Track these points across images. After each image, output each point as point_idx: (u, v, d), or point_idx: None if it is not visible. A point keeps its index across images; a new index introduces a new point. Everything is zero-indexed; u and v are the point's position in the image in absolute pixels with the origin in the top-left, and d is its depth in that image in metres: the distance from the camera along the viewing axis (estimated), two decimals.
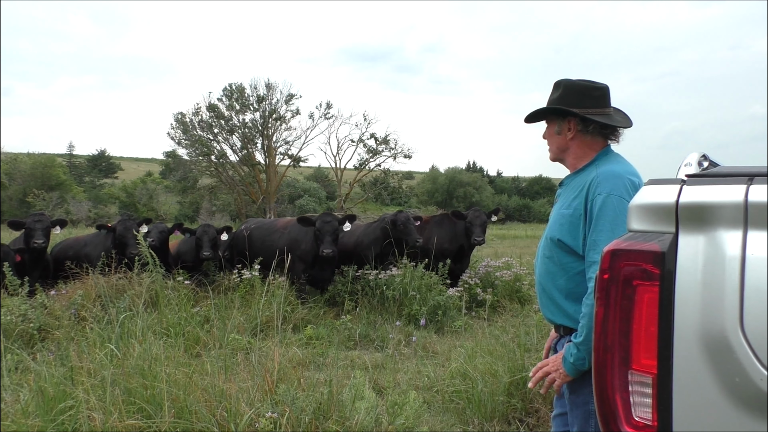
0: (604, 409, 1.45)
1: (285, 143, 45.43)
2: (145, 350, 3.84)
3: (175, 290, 6.59)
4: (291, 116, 44.72)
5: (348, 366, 5.45)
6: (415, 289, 7.35)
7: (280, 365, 4.03)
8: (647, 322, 1.38)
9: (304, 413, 3.46)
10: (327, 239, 7.48)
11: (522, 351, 4.55)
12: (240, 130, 43.89)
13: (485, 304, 7.04)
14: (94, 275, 6.74)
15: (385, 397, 4.34)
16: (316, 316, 7.18)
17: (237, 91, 43.51)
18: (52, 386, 3.39)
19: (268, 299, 6.38)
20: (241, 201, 44.67)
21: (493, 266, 9.11)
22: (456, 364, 4.78)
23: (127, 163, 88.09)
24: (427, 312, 7.06)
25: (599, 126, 2.47)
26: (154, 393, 3.34)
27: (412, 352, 6.00)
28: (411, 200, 60.55)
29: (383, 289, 7.48)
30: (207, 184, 46.72)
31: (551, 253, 2.46)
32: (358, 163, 46.71)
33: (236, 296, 6.82)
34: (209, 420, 3.24)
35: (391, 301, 7.34)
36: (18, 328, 5.25)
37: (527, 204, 66.13)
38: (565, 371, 2.31)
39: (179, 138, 44.18)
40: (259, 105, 43.63)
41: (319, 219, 7.62)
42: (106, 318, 5.02)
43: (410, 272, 7.56)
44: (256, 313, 6.15)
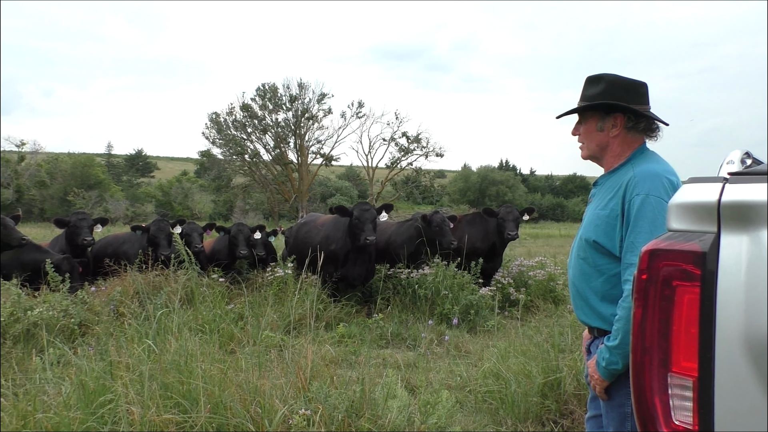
0: (642, 412, 1.43)
1: (317, 142, 45.83)
2: (181, 346, 3.91)
3: (210, 288, 6.70)
4: (323, 115, 45.09)
5: (380, 364, 5.46)
6: (447, 288, 7.32)
7: (313, 363, 4.06)
8: (687, 323, 1.35)
9: (337, 411, 3.48)
10: (368, 227, 7.31)
11: (556, 352, 4.50)
12: (273, 130, 44.39)
13: (518, 303, 6.98)
14: (132, 272, 6.89)
15: (417, 396, 4.34)
16: (348, 315, 7.22)
17: (270, 90, 44.01)
18: (93, 380, 3.48)
19: (301, 297, 6.43)
20: (273, 200, 45.18)
21: (526, 265, 9.01)
22: (489, 364, 4.74)
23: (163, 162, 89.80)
24: (459, 311, 7.03)
25: (648, 123, 2.41)
26: (190, 388, 3.39)
27: (444, 351, 5.98)
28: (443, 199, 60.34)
29: (415, 288, 7.47)
30: (240, 183, 47.41)
31: (586, 254, 2.41)
32: (390, 161, 46.82)
33: (269, 294, 6.89)
34: (243, 416, 3.28)
35: (423, 300, 7.32)
36: (59, 323, 5.39)
37: (561, 203, 65.29)
38: (600, 376, 2.27)
39: (214, 137, 44.96)
40: (291, 104, 44.05)
41: (356, 208, 7.49)
42: (144, 314, 5.13)
43: (442, 271, 7.54)
44: (289, 310, 6.21)
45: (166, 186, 53.96)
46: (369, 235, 7.27)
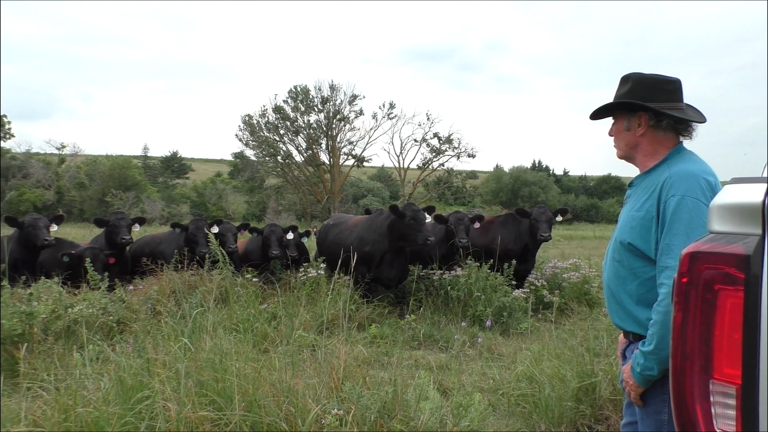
0: (682, 419, 1.40)
1: (349, 143, 45.98)
2: (216, 345, 3.97)
3: (244, 287, 6.78)
4: (354, 117, 45.22)
5: (412, 366, 5.45)
6: (480, 290, 7.27)
7: (346, 363, 4.08)
8: (730, 328, 1.31)
9: (369, 411, 3.49)
10: (425, 227, 7.37)
11: (591, 356, 4.43)
12: (305, 131, 44.71)
13: (552, 306, 6.89)
14: (168, 272, 7.03)
15: (449, 398, 4.32)
16: (381, 315, 7.22)
17: (302, 92, 44.35)
18: (131, 376, 3.56)
19: (334, 297, 6.47)
20: (306, 200, 45.50)
21: (560, 267, 8.90)
22: (522, 367, 4.70)
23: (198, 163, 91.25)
24: (492, 313, 6.97)
25: (673, 121, 2.37)
26: (225, 386, 3.45)
27: (476, 353, 5.94)
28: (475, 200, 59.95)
29: (447, 289, 7.44)
30: (273, 184, 47.87)
31: (621, 256, 2.37)
32: (422, 162, 46.71)
33: (302, 294, 6.94)
34: (277, 414, 3.31)
35: (456, 302, 7.29)
36: (99, 320, 5.53)
37: (595, 204, 64.23)
38: (635, 381, 2.23)
39: (247, 139, 45.50)
40: (323, 106, 44.32)
41: (408, 208, 7.50)
42: (180, 313, 5.23)
43: (475, 273, 7.49)
44: (321, 310, 6.25)
45: (200, 187, 54.82)
46: (430, 235, 7.32)
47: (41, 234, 7.03)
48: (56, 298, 5.44)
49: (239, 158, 49.65)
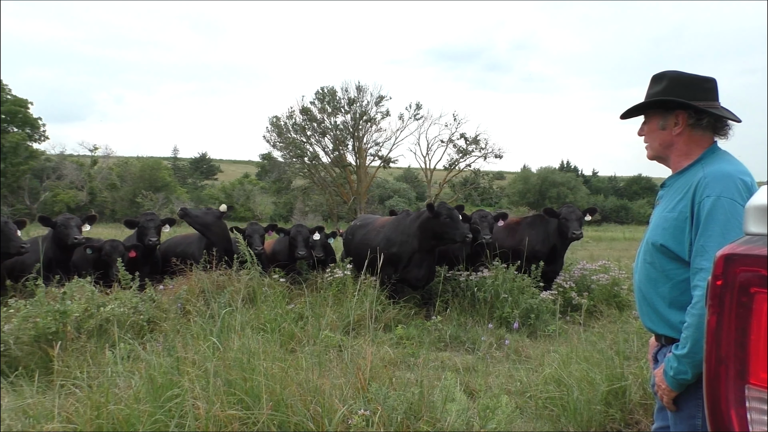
0: (717, 425, 1.36)
1: (375, 144, 46.11)
2: (243, 344, 4.01)
3: (271, 287, 6.84)
4: (381, 118, 45.33)
5: (438, 367, 5.44)
6: (507, 292, 7.21)
7: (372, 364, 4.08)
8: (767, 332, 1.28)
9: (396, 412, 3.49)
10: (461, 224, 7.40)
11: (621, 359, 4.36)
12: (332, 132, 44.94)
13: (581, 308, 6.80)
14: (197, 272, 7.12)
15: (476, 400, 4.30)
16: (407, 316, 7.21)
17: (328, 94, 44.59)
18: (161, 375, 3.61)
19: (360, 298, 6.48)
20: (332, 201, 45.72)
21: (588, 269, 8.78)
22: (550, 370, 4.64)
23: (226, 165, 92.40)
24: (519, 315, 6.91)
25: (713, 120, 2.31)
26: (253, 385, 3.48)
27: (503, 355, 5.90)
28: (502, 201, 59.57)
29: (474, 290, 7.40)
30: (300, 185, 48.22)
31: (653, 258, 2.32)
32: (448, 163, 46.60)
33: (329, 294, 6.97)
34: (304, 414, 3.33)
35: (482, 303, 7.24)
36: (129, 319, 5.62)
37: (625, 205, 63.26)
38: (667, 386, 2.18)
39: (274, 141, 45.92)
40: (349, 107, 44.50)
41: (443, 207, 7.49)
42: (209, 312, 5.29)
43: (502, 274, 7.43)
44: (348, 311, 6.27)
45: (228, 188, 55.51)
46: (468, 232, 7.37)
47: (72, 233, 7.19)
48: (89, 297, 5.55)
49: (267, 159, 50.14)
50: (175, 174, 61.60)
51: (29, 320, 4.94)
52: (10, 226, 6.60)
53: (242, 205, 50.44)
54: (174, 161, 74.90)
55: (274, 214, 48.88)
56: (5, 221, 6.64)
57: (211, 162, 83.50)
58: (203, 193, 57.53)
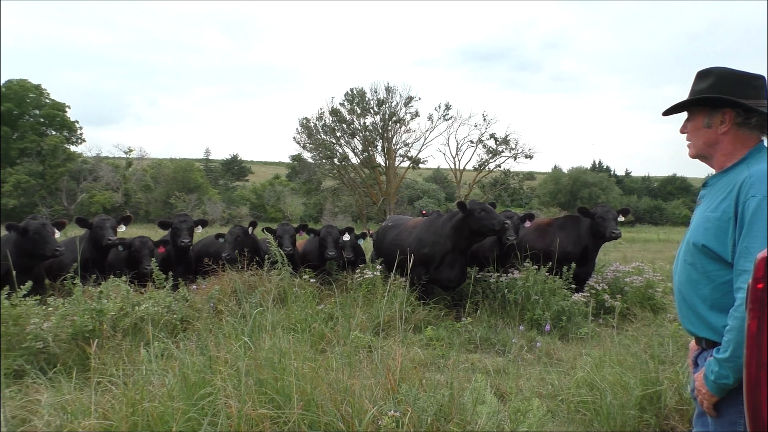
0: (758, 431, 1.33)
1: (404, 145, 46.15)
2: (274, 344, 4.05)
3: (302, 288, 6.88)
4: (410, 118, 45.37)
5: (468, 369, 5.40)
6: (538, 293, 7.13)
7: (402, 365, 4.08)
8: None
9: (426, 414, 3.48)
10: (497, 214, 7.32)
11: (656, 363, 4.27)
12: (361, 134, 45.12)
13: (614, 311, 6.69)
14: (229, 272, 7.21)
15: (507, 403, 4.26)
16: (437, 318, 7.19)
17: (358, 95, 44.79)
18: (194, 373, 3.67)
19: (390, 299, 6.48)
20: (362, 202, 45.89)
21: (622, 271, 8.62)
22: (582, 373, 4.58)
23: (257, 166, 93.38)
24: (550, 317, 6.83)
25: (763, 119, 2.24)
26: (284, 385, 3.50)
27: (534, 358, 5.83)
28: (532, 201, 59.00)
29: (504, 292, 7.34)
30: (330, 186, 48.51)
31: (694, 259, 2.27)
32: (478, 164, 46.39)
33: (359, 295, 6.99)
34: (334, 414, 3.34)
35: (513, 305, 7.18)
36: (163, 318, 5.73)
37: (659, 205, 62.06)
38: (708, 390, 2.13)
39: (304, 142, 46.31)
40: (379, 108, 44.62)
41: (474, 203, 7.44)
42: (240, 312, 5.36)
43: (533, 276, 7.36)
44: (377, 312, 6.28)
45: (259, 189, 56.11)
46: (506, 220, 7.31)
47: (107, 234, 7.36)
48: (124, 296, 5.66)
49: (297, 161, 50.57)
50: (207, 175, 62.52)
51: (67, 318, 5.07)
52: (48, 229, 6.78)
53: (273, 206, 50.95)
54: (206, 163, 76.02)
55: (304, 214, 49.25)
56: (43, 223, 6.82)
57: (242, 163, 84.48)
58: (234, 194, 58.27)
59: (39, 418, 3.35)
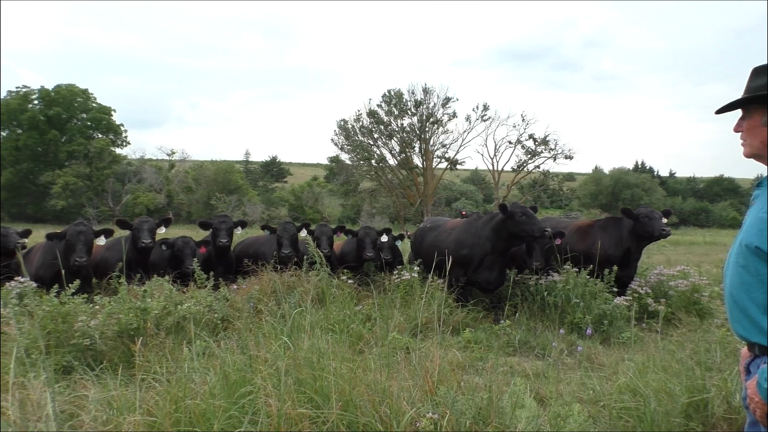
0: None
1: (442, 146, 46.05)
2: (313, 344, 4.08)
3: (340, 289, 6.92)
4: (448, 119, 45.25)
5: (507, 372, 5.34)
6: (579, 297, 7.00)
7: (440, 367, 4.06)
8: None
9: (464, 417, 3.45)
10: (537, 220, 7.25)
11: (702, 370, 4.14)
12: (398, 135, 45.19)
13: (658, 315, 6.51)
14: (269, 272, 7.30)
15: (547, 407, 4.19)
16: (475, 320, 7.13)
17: (395, 96, 44.87)
18: (234, 372, 3.73)
19: (427, 301, 6.46)
20: (399, 204, 45.93)
21: (666, 275, 8.39)
22: (625, 379, 4.47)
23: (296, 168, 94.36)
24: (591, 321, 6.70)
25: None
26: (323, 385, 3.53)
27: (575, 362, 5.73)
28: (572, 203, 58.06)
29: (544, 294, 7.23)
30: (367, 188, 48.71)
31: (746, 261, 2.19)
32: (516, 165, 45.93)
33: (396, 296, 6.98)
34: (372, 415, 3.35)
35: (553, 308, 7.07)
36: (205, 317, 5.83)
37: (705, 207, 60.28)
38: (761, 399, 2.05)
39: (342, 144, 46.64)
40: (416, 109, 44.61)
41: (516, 206, 7.38)
42: (280, 312, 5.42)
43: (573, 278, 7.23)
44: (415, 313, 6.26)
45: (298, 190, 56.71)
46: (546, 227, 7.25)
47: (142, 236, 7.55)
48: (167, 296, 5.79)
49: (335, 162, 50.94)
50: (246, 177, 63.53)
51: (113, 316, 5.21)
52: (82, 237, 6.95)
53: (311, 208, 51.42)
54: (246, 164, 77.23)
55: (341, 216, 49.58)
56: (79, 231, 6.99)
57: (281, 165, 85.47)
58: (273, 195, 59.02)
59: (86, 413, 3.45)
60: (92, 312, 5.30)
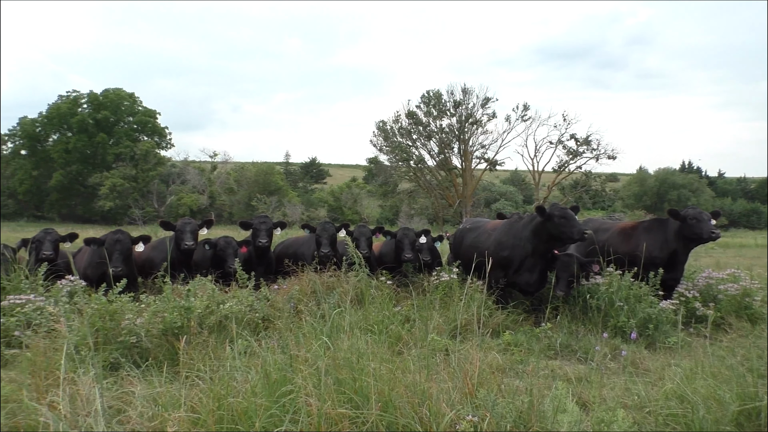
0: None
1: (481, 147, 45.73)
2: (352, 344, 4.09)
3: (378, 289, 6.93)
4: (487, 120, 44.92)
5: (548, 376, 5.25)
6: (623, 300, 6.84)
7: (480, 369, 4.03)
8: None
9: (505, 420, 3.42)
10: (577, 223, 7.10)
11: (755, 377, 4.00)
12: (437, 136, 45.08)
13: (706, 319, 6.32)
14: (308, 273, 7.37)
15: (590, 412, 4.11)
16: (515, 322, 7.04)
17: (434, 97, 44.75)
18: (275, 371, 3.77)
19: (467, 302, 6.41)
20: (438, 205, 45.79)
21: (715, 278, 8.13)
22: (671, 385, 4.34)
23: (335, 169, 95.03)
24: (636, 325, 6.53)
25: None
26: (362, 385, 3.54)
27: (619, 367, 5.60)
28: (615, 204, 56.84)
29: (586, 297, 7.09)
30: (406, 189, 48.74)
31: None
32: (557, 165, 45.24)
33: (435, 298, 6.95)
34: (412, 416, 3.34)
35: (595, 311, 6.92)
36: (246, 317, 5.93)
37: (756, 208, 58.18)
38: None
39: (381, 145, 46.80)
40: (455, 110, 44.43)
41: (555, 208, 7.24)
42: (319, 312, 5.45)
43: (617, 281, 7.06)
44: (454, 315, 6.22)
45: (337, 191, 57.12)
46: (587, 229, 7.10)
47: (184, 238, 7.72)
48: (210, 295, 5.90)
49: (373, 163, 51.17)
50: (287, 178, 64.29)
51: (158, 315, 5.33)
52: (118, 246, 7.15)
53: (350, 208, 51.69)
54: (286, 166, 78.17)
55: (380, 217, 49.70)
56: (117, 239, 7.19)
57: (321, 166, 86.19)
58: (313, 196, 59.57)
59: (133, 409, 3.53)
60: (138, 310, 5.43)
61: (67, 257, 7.77)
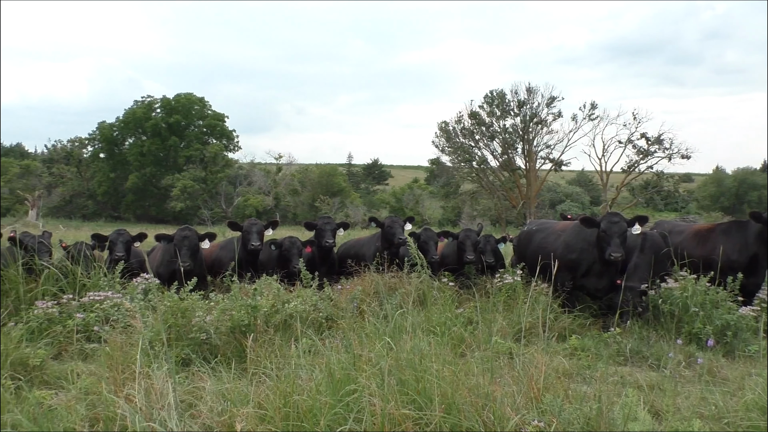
0: None
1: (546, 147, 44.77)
2: (415, 345, 4.09)
3: (441, 291, 6.89)
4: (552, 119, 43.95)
5: (618, 383, 5.07)
6: (698, 305, 6.52)
7: (545, 374, 3.94)
8: None
9: (572, 426, 3.33)
10: (614, 241, 6.80)
11: None
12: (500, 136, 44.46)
13: None
14: (371, 273, 7.41)
15: (663, 422, 3.94)
16: (582, 326, 6.84)
17: (497, 97, 44.18)
18: (339, 370, 3.81)
19: (531, 305, 6.28)
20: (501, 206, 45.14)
21: None
22: (752, 395, 4.12)
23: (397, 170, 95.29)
24: (713, 332, 6.22)
25: None
26: (425, 387, 3.53)
27: (694, 375, 5.34)
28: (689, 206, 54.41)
29: (658, 302, 6.80)
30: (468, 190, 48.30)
31: None
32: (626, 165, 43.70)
33: (499, 300, 6.85)
34: (476, 419, 3.31)
35: (668, 317, 6.63)
36: (310, 316, 6.02)
37: None
38: None
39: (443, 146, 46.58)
40: (519, 110, 43.71)
41: (604, 219, 7.05)
42: (382, 313, 5.48)
43: (692, 286, 6.75)
44: (518, 317, 6.12)
45: (398, 193, 57.29)
46: (614, 252, 6.73)
47: (251, 239, 7.93)
48: (275, 294, 6.04)
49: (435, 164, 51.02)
50: (349, 180, 64.97)
51: (226, 313, 5.49)
52: (186, 242, 7.43)
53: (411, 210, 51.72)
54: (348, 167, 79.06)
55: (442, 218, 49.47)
56: (185, 236, 7.44)
57: (383, 168, 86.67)
58: (375, 197, 59.96)
59: (203, 404, 3.66)
60: (208, 308, 5.61)
61: (142, 256, 8.14)
